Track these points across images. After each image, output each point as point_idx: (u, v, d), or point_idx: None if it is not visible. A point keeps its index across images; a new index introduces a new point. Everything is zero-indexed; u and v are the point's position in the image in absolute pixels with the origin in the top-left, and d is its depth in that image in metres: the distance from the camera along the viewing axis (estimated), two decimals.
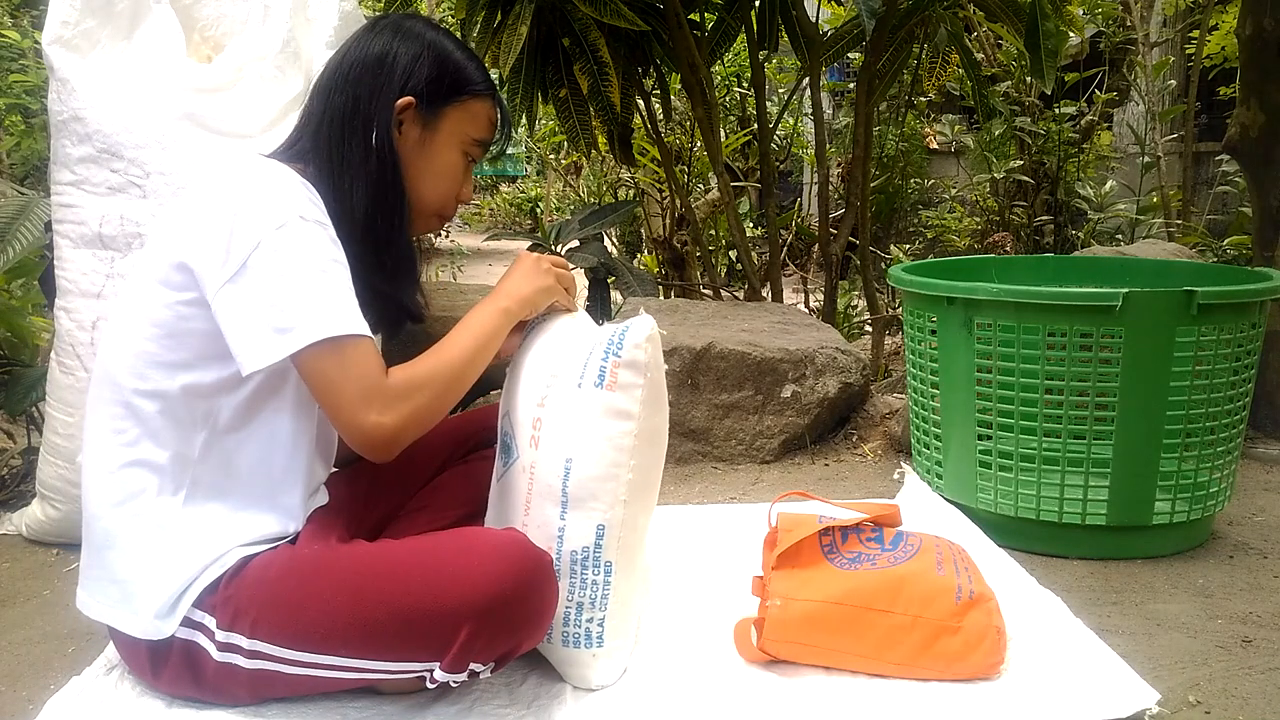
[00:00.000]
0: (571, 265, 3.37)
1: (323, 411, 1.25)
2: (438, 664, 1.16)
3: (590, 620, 1.30)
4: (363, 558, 1.21)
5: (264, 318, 1.15)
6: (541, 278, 1.40)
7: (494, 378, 1.50)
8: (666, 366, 2.44)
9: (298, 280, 1.15)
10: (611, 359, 1.28)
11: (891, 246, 5.31)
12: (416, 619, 1.14)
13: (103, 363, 1.27)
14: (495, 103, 1.40)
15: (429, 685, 1.20)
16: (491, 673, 1.21)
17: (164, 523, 1.22)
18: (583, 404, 1.28)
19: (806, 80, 3.42)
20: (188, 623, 1.21)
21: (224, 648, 1.20)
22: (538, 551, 1.22)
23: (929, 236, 5.60)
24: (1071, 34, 3.14)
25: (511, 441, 1.38)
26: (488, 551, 1.17)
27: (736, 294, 3.99)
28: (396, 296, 1.39)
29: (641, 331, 1.28)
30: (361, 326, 1.18)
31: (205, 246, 1.17)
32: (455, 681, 1.19)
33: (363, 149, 1.30)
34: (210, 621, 1.20)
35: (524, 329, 1.46)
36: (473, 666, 1.17)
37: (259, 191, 1.19)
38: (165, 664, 1.23)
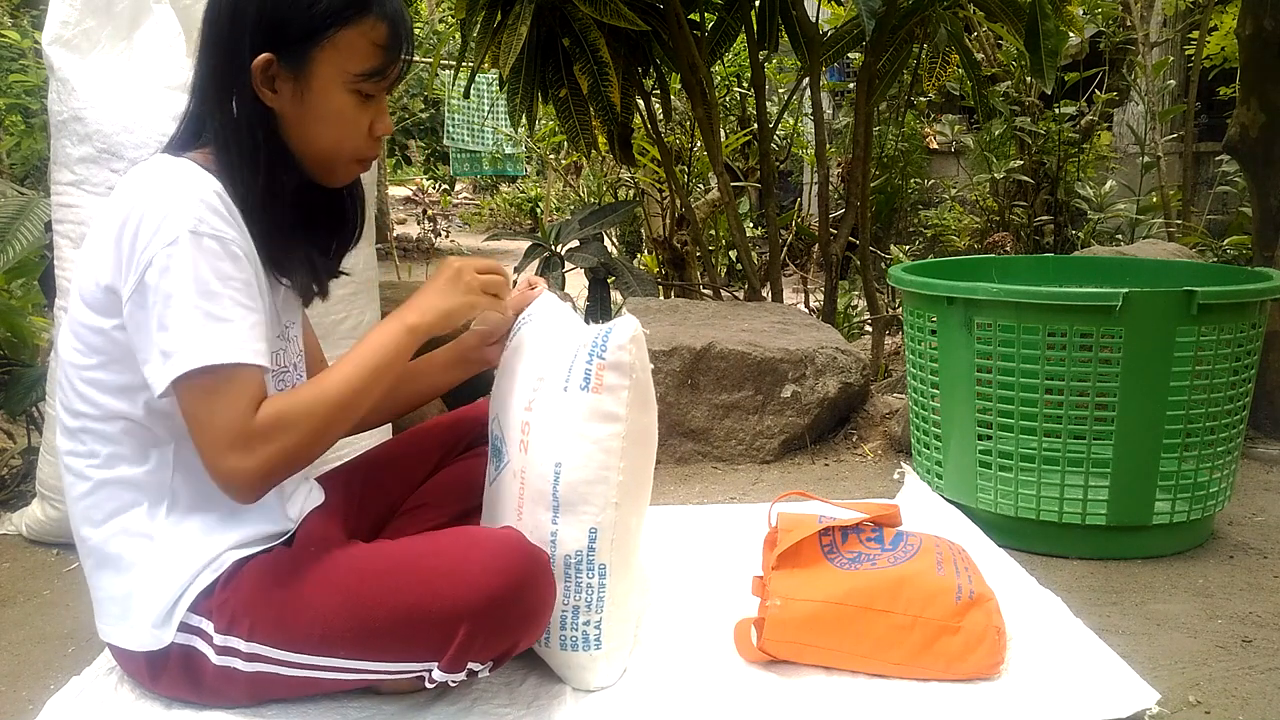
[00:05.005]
0: (568, 274, 3.38)
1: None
2: (436, 664, 1.16)
3: (587, 623, 1.30)
4: (359, 559, 1.21)
5: (156, 341, 1.11)
6: (457, 294, 1.29)
7: (486, 381, 1.50)
8: (667, 367, 2.46)
9: (181, 302, 1.10)
10: (596, 361, 1.27)
11: (891, 246, 5.31)
12: (414, 619, 1.14)
13: (61, 392, 1.24)
14: (378, 18, 1.21)
15: (428, 685, 1.20)
16: (490, 672, 1.21)
17: (151, 534, 1.21)
18: (569, 407, 1.28)
19: (806, 80, 3.42)
20: (184, 627, 1.21)
21: (222, 651, 1.19)
22: (534, 549, 1.22)
23: (929, 236, 5.59)
24: (1071, 34, 3.14)
25: (502, 446, 1.38)
26: (484, 550, 1.17)
27: (736, 294, 3.99)
28: (289, 268, 1.27)
29: (625, 333, 1.28)
30: (244, 354, 1.11)
31: (113, 268, 1.14)
32: (454, 681, 1.19)
33: (233, 119, 1.21)
34: (208, 625, 1.20)
35: (507, 335, 1.45)
36: (471, 666, 1.17)
37: (154, 205, 1.12)
38: (163, 671, 1.23)
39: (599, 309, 3.45)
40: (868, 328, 4.02)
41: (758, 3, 3.33)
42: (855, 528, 1.51)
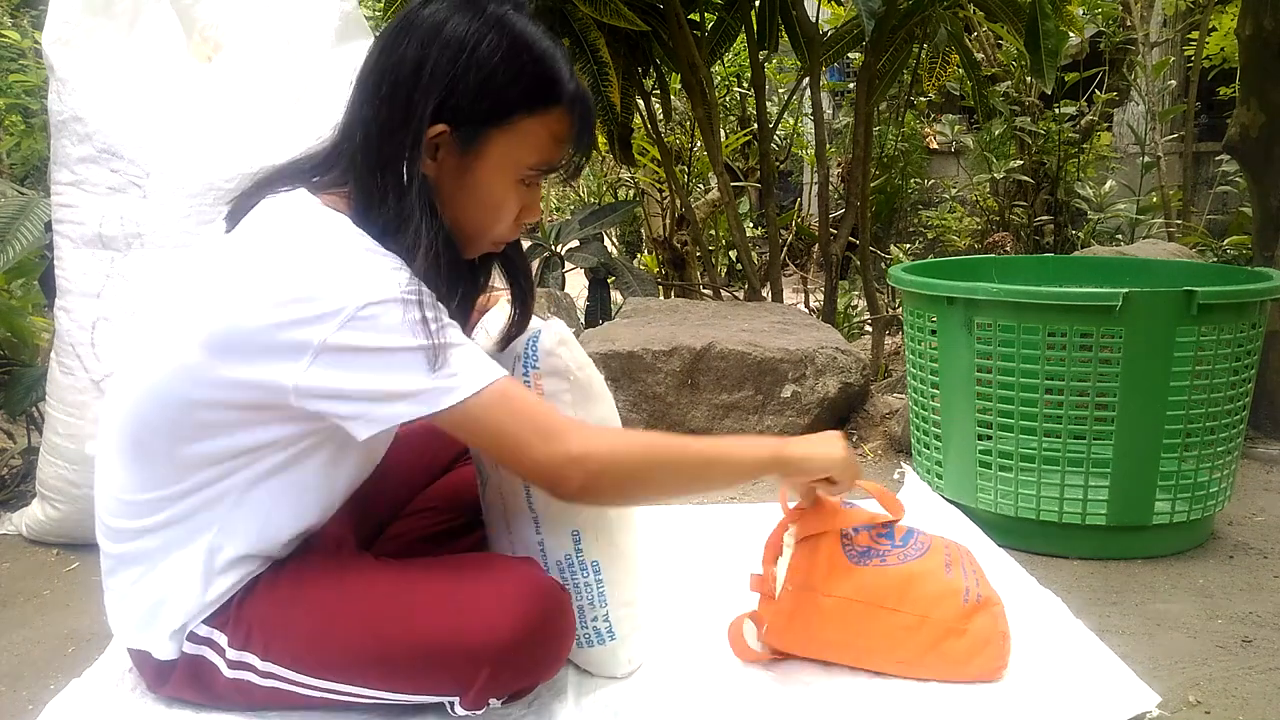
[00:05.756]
0: (573, 265, 3.37)
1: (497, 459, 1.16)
2: (457, 699, 1.16)
3: (595, 619, 1.32)
4: (380, 587, 1.19)
5: (405, 384, 1.05)
6: (839, 463, 1.28)
7: None
8: (667, 367, 2.46)
9: (409, 348, 1.05)
10: (532, 372, 1.28)
11: (891, 246, 5.31)
12: (436, 657, 1.13)
13: (122, 403, 1.16)
14: (566, 110, 1.14)
15: (450, 715, 1.19)
16: (503, 705, 1.20)
17: (184, 544, 1.18)
18: None
19: (806, 80, 3.42)
20: (196, 638, 1.19)
21: (235, 665, 1.18)
22: (556, 588, 1.21)
23: (929, 236, 5.59)
24: (1071, 34, 3.14)
25: (481, 463, 1.39)
26: (509, 590, 1.16)
27: (736, 294, 3.99)
28: None
29: (551, 339, 1.28)
30: (498, 370, 1.10)
31: (277, 327, 1.05)
32: (475, 715, 1.18)
33: (395, 181, 1.11)
34: (221, 639, 1.18)
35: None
36: (490, 701, 1.17)
37: (343, 271, 1.06)
38: (170, 676, 1.22)
39: (599, 309, 3.46)
40: (868, 328, 4.02)
41: (758, 3, 3.33)
42: (867, 524, 1.49)
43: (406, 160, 1.10)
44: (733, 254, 5.16)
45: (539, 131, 1.14)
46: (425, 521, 1.51)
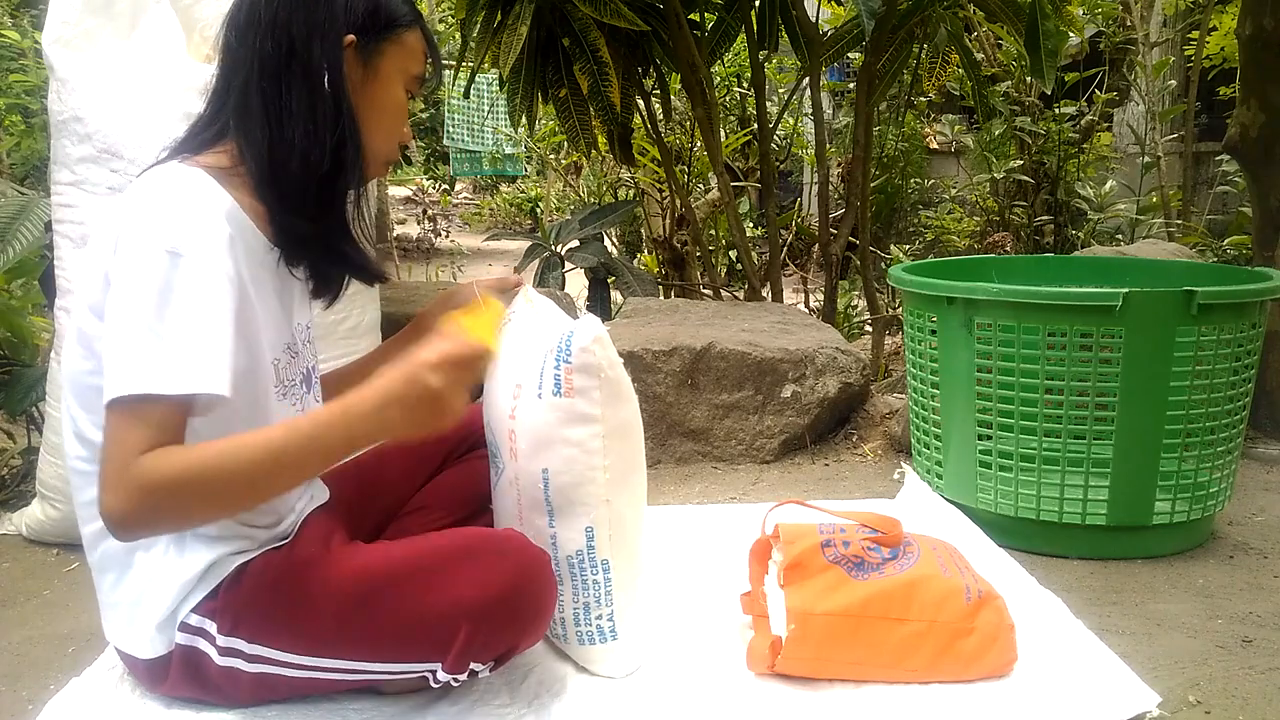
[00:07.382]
0: (575, 281, 3.37)
1: None
2: (439, 665, 1.16)
3: (599, 617, 1.32)
4: (361, 561, 1.21)
5: (108, 359, 1.05)
6: (419, 420, 1.11)
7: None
8: (667, 367, 2.46)
9: (130, 324, 1.04)
10: (563, 366, 1.28)
11: (891, 246, 5.31)
12: (416, 621, 1.15)
13: (67, 397, 1.20)
14: (422, 29, 1.29)
15: (433, 685, 1.21)
16: (490, 672, 1.21)
17: (156, 541, 1.20)
18: (546, 414, 1.29)
19: (806, 80, 3.42)
20: (187, 628, 1.20)
21: (226, 652, 1.20)
22: (535, 551, 1.22)
23: (929, 237, 5.59)
24: (1071, 34, 3.14)
25: (497, 452, 1.40)
26: (485, 552, 1.18)
27: (736, 294, 4.00)
28: (352, 256, 1.27)
29: (587, 335, 1.29)
30: (166, 385, 1.01)
31: (104, 281, 1.10)
32: (456, 681, 1.20)
33: (307, 100, 1.16)
34: (211, 627, 1.20)
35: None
36: (472, 666, 1.18)
37: (143, 219, 1.08)
38: (167, 671, 1.23)
39: (599, 309, 3.46)
40: (868, 328, 4.02)
41: (758, 3, 3.33)
42: (856, 538, 1.48)
43: (327, 68, 1.17)
44: (733, 254, 5.16)
45: (413, 44, 1.27)
46: (421, 520, 1.52)
